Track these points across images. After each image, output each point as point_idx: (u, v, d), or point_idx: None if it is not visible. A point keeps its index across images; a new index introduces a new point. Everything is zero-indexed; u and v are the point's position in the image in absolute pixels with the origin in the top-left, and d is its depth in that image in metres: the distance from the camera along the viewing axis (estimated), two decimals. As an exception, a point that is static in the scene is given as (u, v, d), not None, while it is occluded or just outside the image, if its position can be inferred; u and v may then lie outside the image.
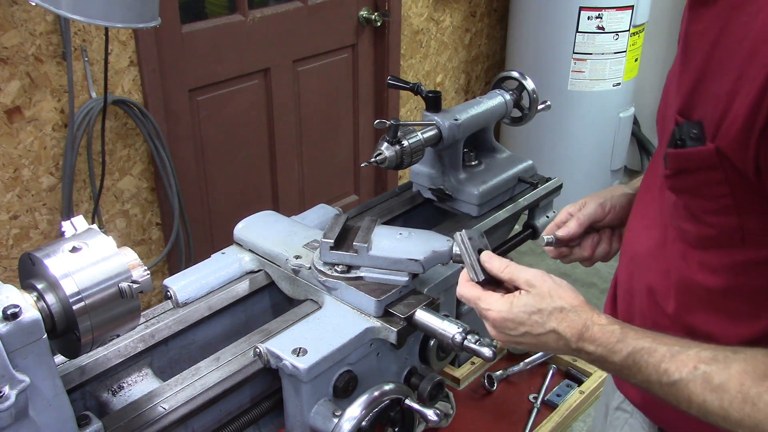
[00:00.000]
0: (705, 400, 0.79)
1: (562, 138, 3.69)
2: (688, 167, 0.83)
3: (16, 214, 2.30)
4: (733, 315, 0.88)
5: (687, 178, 0.84)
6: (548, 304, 0.93)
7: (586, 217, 1.19)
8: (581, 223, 1.19)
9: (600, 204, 1.20)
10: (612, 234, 1.23)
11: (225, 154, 2.90)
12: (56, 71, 2.25)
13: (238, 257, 1.34)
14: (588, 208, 1.20)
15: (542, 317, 0.92)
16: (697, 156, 0.81)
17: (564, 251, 1.24)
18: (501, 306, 0.95)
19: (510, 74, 1.67)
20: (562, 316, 0.92)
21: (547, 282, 0.95)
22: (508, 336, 0.96)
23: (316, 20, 3.02)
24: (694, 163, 0.82)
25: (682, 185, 0.86)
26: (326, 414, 1.09)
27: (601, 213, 1.19)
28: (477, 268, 1.00)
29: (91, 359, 1.11)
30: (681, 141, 0.83)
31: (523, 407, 1.59)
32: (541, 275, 0.96)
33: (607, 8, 3.38)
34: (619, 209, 1.20)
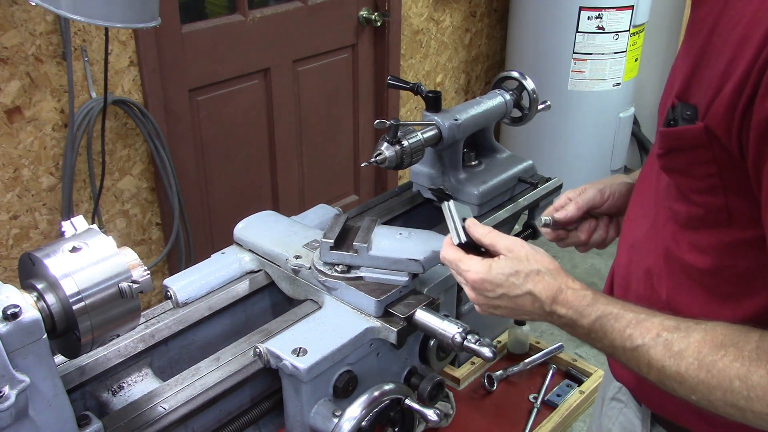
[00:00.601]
0: (663, 365, 0.84)
1: (562, 138, 3.69)
2: (679, 146, 0.85)
3: (16, 214, 2.30)
4: (720, 296, 0.90)
5: (677, 158, 0.86)
6: (525, 266, 0.96)
7: (584, 201, 1.21)
8: (579, 208, 1.21)
9: (599, 190, 1.21)
10: (609, 221, 1.25)
11: (225, 154, 2.90)
12: (56, 71, 2.25)
13: (238, 257, 1.34)
14: (587, 194, 1.22)
15: (519, 279, 0.96)
16: (687, 134, 0.83)
17: (561, 234, 1.26)
18: (480, 267, 0.98)
19: (510, 74, 1.67)
20: (539, 278, 0.96)
21: (525, 247, 0.99)
22: (485, 298, 0.99)
23: (316, 20, 3.02)
24: (684, 141, 0.84)
25: (673, 164, 0.88)
26: (326, 414, 1.09)
27: (600, 199, 1.21)
28: (460, 232, 1.03)
29: (91, 359, 1.11)
30: (674, 121, 0.85)
31: (523, 407, 1.59)
32: (520, 242, 0.99)
33: (607, 8, 3.38)
34: (617, 197, 1.21)
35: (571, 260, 3.65)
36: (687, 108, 0.84)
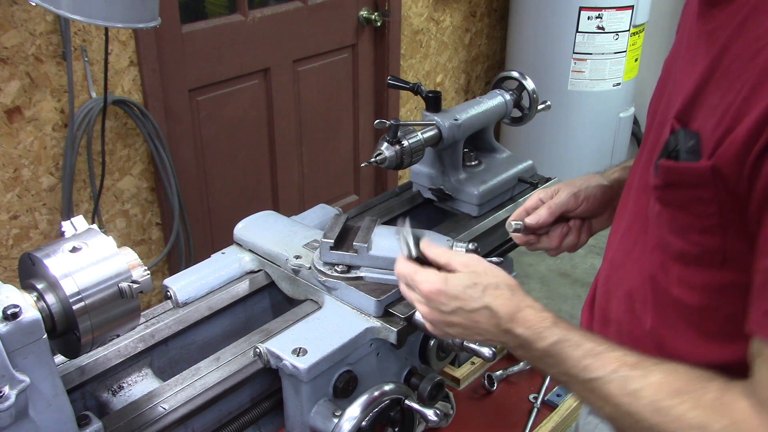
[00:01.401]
0: (619, 402, 0.80)
1: (562, 138, 3.69)
2: (679, 182, 0.79)
3: (16, 214, 2.30)
4: (707, 335, 0.85)
5: (676, 193, 0.80)
6: (484, 279, 0.92)
7: (557, 205, 1.16)
8: (552, 212, 1.16)
9: (573, 194, 1.16)
10: (582, 225, 1.20)
11: (225, 154, 2.90)
12: (56, 71, 2.25)
13: (238, 257, 1.34)
14: (560, 197, 1.16)
15: (477, 291, 0.91)
16: (691, 172, 0.77)
17: (531, 239, 1.20)
18: (436, 278, 0.94)
19: (510, 74, 1.67)
20: (498, 292, 0.91)
21: (483, 263, 0.95)
22: (440, 313, 0.94)
23: (316, 20, 3.02)
24: (686, 178, 0.78)
25: (671, 198, 0.82)
26: (326, 414, 1.09)
27: (574, 203, 1.16)
28: (412, 248, 0.99)
29: (91, 359, 1.12)
30: (675, 153, 0.79)
31: (523, 407, 1.59)
32: (477, 258, 0.96)
33: (607, 8, 3.37)
34: (592, 201, 1.16)
35: (571, 260, 3.65)
36: (690, 137, 0.78)
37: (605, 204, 1.17)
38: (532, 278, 3.53)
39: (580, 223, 1.19)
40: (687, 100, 0.80)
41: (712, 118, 0.75)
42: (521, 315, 0.89)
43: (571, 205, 1.16)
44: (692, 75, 0.81)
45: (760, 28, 0.72)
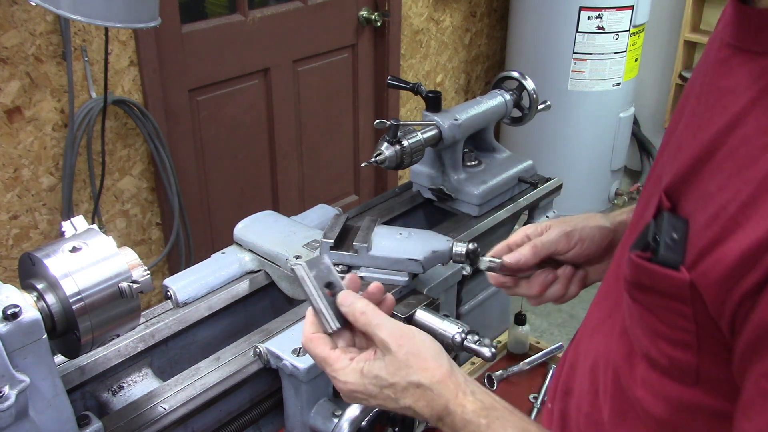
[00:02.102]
0: None
1: (562, 138, 3.69)
2: (652, 286, 0.65)
3: (16, 214, 2.30)
4: None
5: (647, 295, 0.66)
6: (403, 377, 0.76)
7: (544, 245, 0.97)
8: (537, 253, 0.97)
9: (566, 233, 0.97)
10: (572, 274, 1.00)
11: (225, 154, 2.90)
12: (56, 71, 2.25)
13: (238, 257, 1.34)
14: (549, 235, 0.97)
15: (395, 393, 0.76)
16: (666, 280, 0.62)
17: (508, 281, 1.01)
18: (349, 377, 0.78)
19: (510, 74, 1.67)
20: (419, 393, 0.76)
21: (405, 346, 0.76)
22: (361, 402, 0.81)
23: (316, 20, 3.02)
24: (661, 285, 0.63)
25: (641, 298, 0.67)
26: (326, 414, 1.09)
27: (565, 245, 0.97)
28: (329, 314, 0.79)
29: (91, 359, 1.12)
30: (654, 242, 0.64)
31: (523, 407, 1.59)
32: (400, 335, 0.77)
33: (607, 8, 3.37)
34: (588, 244, 0.97)
35: (571, 260, 3.65)
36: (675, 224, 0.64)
37: (604, 250, 0.98)
38: (532, 278, 3.53)
39: (571, 271, 1.00)
40: (681, 173, 0.66)
41: (703, 211, 0.62)
42: (449, 420, 0.76)
43: (562, 247, 0.97)
44: (694, 142, 0.66)
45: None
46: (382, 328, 0.77)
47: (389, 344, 0.77)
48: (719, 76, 0.66)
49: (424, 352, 0.77)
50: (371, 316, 0.78)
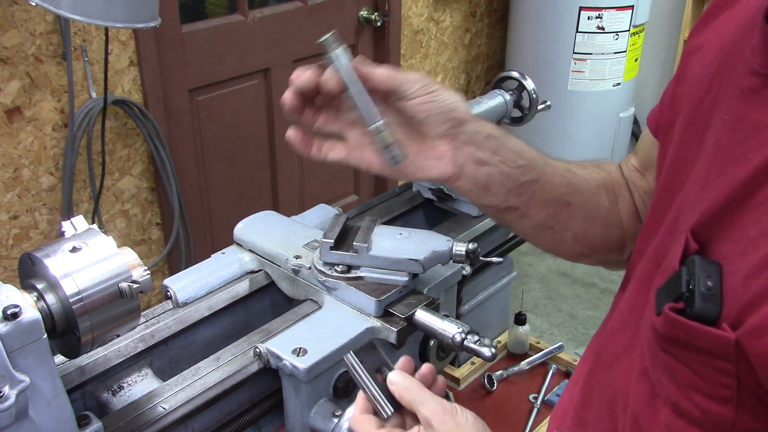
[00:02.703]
0: None
1: (562, 138, 3.69)
2: (690, 343, 0.59)
3: (16, 214, 2.30)
4: None
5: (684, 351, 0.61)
6: None
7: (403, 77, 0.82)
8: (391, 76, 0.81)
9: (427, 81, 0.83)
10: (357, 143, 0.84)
11: (225, 154, 2.90)
12: (56, 71, 2.25)
13: (238, 257, 1.34)
14: (410, 74, 0.83)
15: None
16: (706, 338, 0.57)
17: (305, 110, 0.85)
18: None
19: (510, 74, 1.67)
20: None
21: (447, 423, 0.76)
22: None
23: (316, 20, 3.02)
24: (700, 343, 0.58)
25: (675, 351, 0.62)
26: (326, 414, 1.09)
27: (420, 88, 0.82)
28: (382, 401, 0.79)
29: (91, 359, 1.11)
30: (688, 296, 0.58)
31: (523, 407, 1.59)
32: (442, 412, 0.77)
33: (607, 8, 3.38)
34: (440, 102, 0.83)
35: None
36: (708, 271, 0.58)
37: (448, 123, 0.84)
38: (532, 278, 3.53)
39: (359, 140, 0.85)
40: (711, 213, 0.61)
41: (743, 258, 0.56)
42: None
43: (415, 89, 0.81)
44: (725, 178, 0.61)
45: None
46: (426, 405, 0.77)
47: (432, 421, 0.76)
48: (751, 108, 0.60)
49: (467, 428, 0.77)
50: (415, 393, 0.78)
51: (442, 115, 0.82)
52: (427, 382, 0.82)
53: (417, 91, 0.81)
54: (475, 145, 0.85)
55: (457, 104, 0.84)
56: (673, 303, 0.59)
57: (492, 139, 0.86)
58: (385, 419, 0.79)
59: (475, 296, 1.59)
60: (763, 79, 0.59)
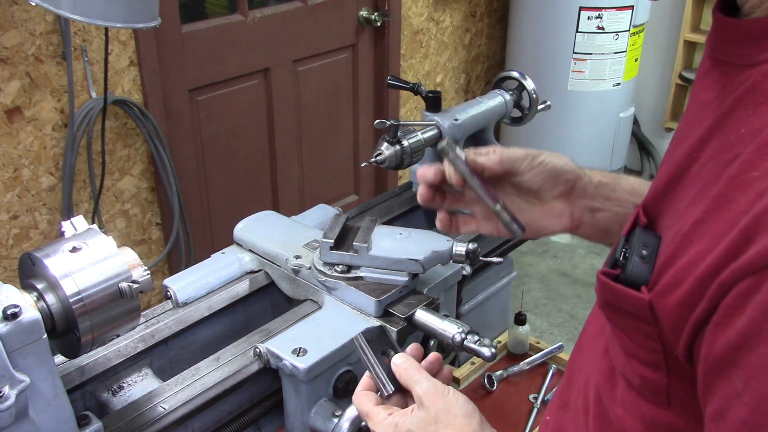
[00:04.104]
0: None
1: (562, 138, 3.69)
2: (618, 306, 0.64)
3: (16, 214, 2.30)
4: None
5: (617, 315, 0.66)
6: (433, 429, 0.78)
7: (510, 157, 0.91)
8: (502, 160, 0.90)
9: (532, 154, 0.91)
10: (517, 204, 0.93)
11: (225, 154, 2.90)
12: (56, 71, 2.25)
13: (238, 257, 1.34)
14: (516, 151, 0.92)
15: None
16: (629, 300, 0.62)
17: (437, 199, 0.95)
18: (384, 429, 0.81)
19: (510, 74, 1.67)
20: None
21: (438, 402, 0.79)
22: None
23: (316, 20, 3.02)
24: (625, 305, 0.63)
25: (612, 317, 0.68)
26: (326, 414, 1.09)
27: (528, 163, 0.91)
28: (384, 379, 0.84)
29: (91, 359, 1.11)
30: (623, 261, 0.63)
31: (523, 407, 1.59)
32: (434, 392, 0.80)
33: (607, 8, 3.37)
34: (549, 169, 0.91)
35: (571, 260, 3.65)
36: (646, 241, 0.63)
37: (562, 185, 0.92)
38: (532, 278, 3.53)
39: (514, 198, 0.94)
40: (659, 189, 0.66)
41: (672, 229, 0.61)
42: None
43: (525, 165, 0.91)
44: (673, 156, 0.66)
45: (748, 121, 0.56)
46: (420, 385, 0.81)
47: (423, 400, 0.80)
48: (701, 89, 0.65)
49: (455, 410, 0.79)
50: (412, 373, 0.82)
51: (553, 180, 0.91)
52: (432, 370, 0.86)
53: (526, 166, 0.91)
54: (588, 197, 0.93)
55: (563, 166, 0.92)
56: (609, 269, 0.64)
57: (603, 186, 0.94)
58: (385, 397, 0.84)
59: (475, 296, 1.59)
60: (713, 61, 0.64)
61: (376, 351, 0.86)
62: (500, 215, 0.88)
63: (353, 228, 1.26)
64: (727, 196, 0.55)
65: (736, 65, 0.60)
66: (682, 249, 0.58)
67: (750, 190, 0.53)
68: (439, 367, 0.88)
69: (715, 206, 0.55)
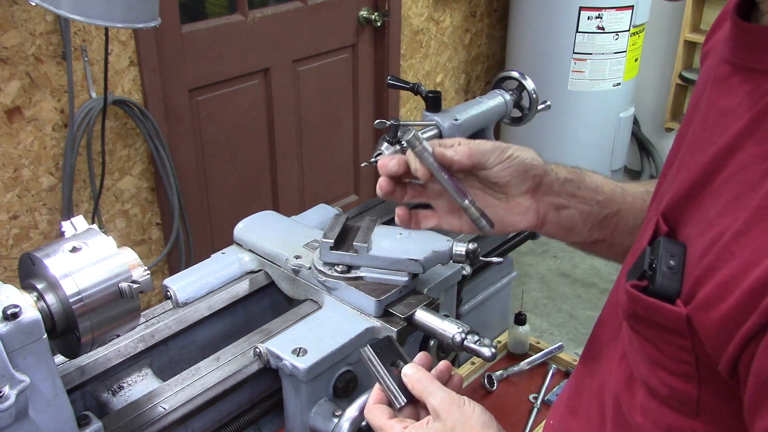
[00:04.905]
0: None
1: (562, 138, 3.69)
2: (649, 319, 0.63)
3: (16, 214, 2.30)
4: None
5: (646, 327, 0.64)
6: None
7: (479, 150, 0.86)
8: (471, 154, 0.85)
9: (500, 147, 0.87)
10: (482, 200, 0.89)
11: (225, 154, 2.90)
12: (56, 71, 2.25)
13: (238, 257, 1.34)
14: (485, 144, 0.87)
15: None
16: (662, 314, 0.60)
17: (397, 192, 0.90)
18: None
19: (510, 74, 1.67)
20: None
21: (454, 414, 0.78)
22: None
23: (316, 20, 3.02)
24: (657, 318, 0.61)
25: (639, 328, 0.66)
26: (326, 414, 1.09)
27: (497, 157, 0.86)
28: (395, 391, 0.82)
29: (91, 359, 1.11)
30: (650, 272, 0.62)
31: (523, 407, 1.59)
32: (450, 403, 0.79)
33: (607, 8, 3.38)
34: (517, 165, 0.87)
35: (571, 260, 3.65)
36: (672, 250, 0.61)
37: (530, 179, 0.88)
38: (532, 278, 3.53)
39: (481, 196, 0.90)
40: (680, 196, 0.64)
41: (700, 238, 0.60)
42: None
43: (494, 158, 0.86)
44: (693, 163, 0.64)
45: None
46: (435, 396, 0.79)
47: (439, 411, 0.78)
48: (719, 95, 0.63)
49: (473, 420, 0.79)
50: (426, 384, 0.80)
51: (521, 176, 0.88)
52: (443, 378, 0.85)
53: (494, 159, 0.87)
54: (554, 194, 0.91)
55: (531, 160, 0.88)
56: (637, 281, 0.63)
57: (568, 182, 0.92)
58: (398, 409, 0.82)
59: (475, 296, 1.59)
60: (732, 66, 0.62)
61: (385, 362, 0.84)
62: (468, 211, 0.86)
63: (353, 228, 1.26)
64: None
65: (760, 71, 0.59)
66: (723, 261, 0.56)
67: None
68: (449, 374, 0.87)
69: (756, 217, 0.54)
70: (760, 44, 0.59)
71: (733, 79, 0.62)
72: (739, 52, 0.61)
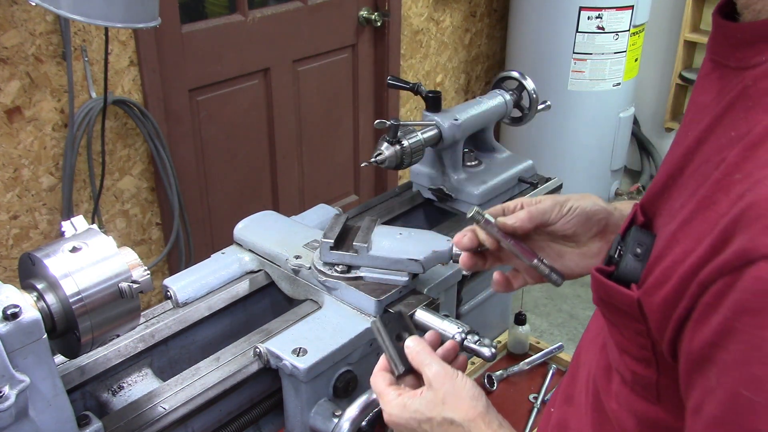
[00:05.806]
0: None
1: (562, 138, 3.69)
2: (610, 302, 0.66)
3: (16, 214, 2.30)
4: None
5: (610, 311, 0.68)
6: (439, 413, 0.81)
7: (539, 211, 0.91)
8: (532, 217, 0.90)
9: (559, 202, 0.92)
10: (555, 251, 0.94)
11: (225, 154, 2.90)
12: (56, 71, 2.25)
13: (238, 257, 1.34)
14: (544, 203, 0.92)
15: (431, 427, 0.82)
16: (620, 297, 0.64)
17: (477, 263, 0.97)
18: (394, 409, 0.85)
19: (510, 74, 1.67)
20: (452, 429, 0.81)
21: (446, 385, 0.82)
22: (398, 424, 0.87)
23: (316, 20, 3.02)
24: (616, 301, 0.65)
25: (606, 313, 0.69)
26: (326, 414, 1.09)
27: (557, 213, 0.91)
28: (396, 359, 0.88)
29: (91, 359, 1.12)
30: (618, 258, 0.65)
31: (523, 407, 1.59)
32: (443, 374, 0.83)
33: (607, 8, 3.37)
34: (579, 214, 0.91)
35: (571, 260, 3.64)
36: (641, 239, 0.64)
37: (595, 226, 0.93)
38: (532, 278, 3.53)
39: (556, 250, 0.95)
40: (657, 189, 0.67)
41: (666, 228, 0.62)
42: None
43: (554, 215, 0.91)
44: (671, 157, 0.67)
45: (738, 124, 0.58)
46: (430, 367, 0.84)
47: (432, 382, 0.83)
48: (699, 92, 0.67)
49: (463, 392, 0.82)
50: (424, 356, 0.85)
51: (585, 224, 0.92)
52: (448, 357, 0.90)
53: (555, 216, 0.92)
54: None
55: (592, 207, 0.93)
56: (604, 266, 0.66)
57: None
58: (398, 377, 0.87)
59: (475, 296, 1.59)
60: (712, 63, 0.65)
61: (392, 334, 0.89)
62: (538, 269, 0.91)
63: (353, 228, 1.26)
64: (711, 198, 0.56)
65: (731, 68, 0.61)
66: (669, 248, 0.59)
67: (732, 192, 0.54)
68: (455, 355, 0.91)
69: (700, 207, 0.57)
70: (732, 42, 0.61)
71: (712, 76, 0.64)
72: (717, 50, 0.64)
